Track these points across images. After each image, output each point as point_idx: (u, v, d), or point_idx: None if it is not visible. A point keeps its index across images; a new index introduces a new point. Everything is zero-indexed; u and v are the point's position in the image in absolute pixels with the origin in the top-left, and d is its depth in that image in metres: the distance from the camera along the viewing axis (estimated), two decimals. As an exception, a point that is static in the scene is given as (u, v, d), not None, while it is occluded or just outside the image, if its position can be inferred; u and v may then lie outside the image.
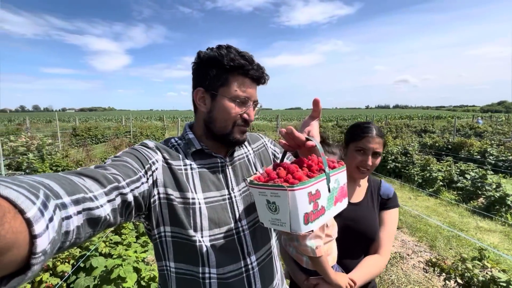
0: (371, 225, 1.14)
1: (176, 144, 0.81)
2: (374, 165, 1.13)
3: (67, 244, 0.41)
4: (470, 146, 8.78)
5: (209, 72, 0.76)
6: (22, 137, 7.17)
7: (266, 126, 26.28)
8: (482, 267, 2.08)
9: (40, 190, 0.36)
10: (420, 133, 15.43)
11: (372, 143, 1.11)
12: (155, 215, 0.71)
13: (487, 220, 4.51)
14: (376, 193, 1.20)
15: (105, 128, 18.44)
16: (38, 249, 0.31)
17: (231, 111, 0.76)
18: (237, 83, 0.76)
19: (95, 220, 0.47)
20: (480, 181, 5.42)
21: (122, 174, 0.60)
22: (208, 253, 0.71)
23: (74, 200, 0.43)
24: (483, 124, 19.33)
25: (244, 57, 0.76)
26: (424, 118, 39.44)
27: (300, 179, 0.59)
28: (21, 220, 0.30)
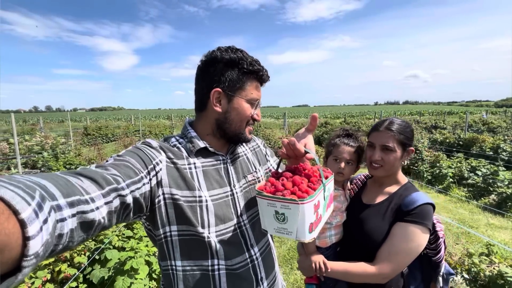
0: (374, 228, 1.06)
1: (177, 143, 0.82)
2: (387, 161, 1.06)
3: (59, 248, 0.40)
4: (482, 142, 8.57)
5: (227, 74, 0.78)
6: (37, 136, 7.43)
7: (273, 123, 26.23)
8: (489, 263, 2.07)
9: (36, 190, 0.35)
10: (430, 129, 15.12)
11: (379, 137, 1.07)
12: (160, 215, 0.71)
13: (498, 217, 4.43)
14: (399, 202, 1.05)
15: (115, 127, 18.82)
16: (31, 251, 0.31)
17: (247, 113, 0.81)
18: (252, 87, 0.82)
19: (88, 223, 0.46)
20: (491, 178, 5.31)
21: (123, 175, 0.59)
22: (217, 247, 0.74)
23: (70, 202, 0.42)
24: (496, 119, 18.77)
25: (257, 62, 0.82)
26: (435, 114, 38.54)
27: (307, 192, 0.63)
28: (15, 221, 0.30)
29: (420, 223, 0.97)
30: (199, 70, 0.82)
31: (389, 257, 0.98)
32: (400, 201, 1.05)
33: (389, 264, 0.97)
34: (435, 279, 1.10)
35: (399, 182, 1.13)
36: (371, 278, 1.00)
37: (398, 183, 1.12)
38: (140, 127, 16.64)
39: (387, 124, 1.08)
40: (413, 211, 0.99)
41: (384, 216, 1.06)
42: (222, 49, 0.79)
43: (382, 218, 1.06)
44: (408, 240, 0.97)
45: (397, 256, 0.97)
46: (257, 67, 0.80)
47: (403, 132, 1.06)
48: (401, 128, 1.06)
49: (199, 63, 0.82)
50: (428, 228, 0.98)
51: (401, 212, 1.02)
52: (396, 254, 0.97)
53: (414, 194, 1.04)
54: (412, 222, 0.98)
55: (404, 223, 0.99)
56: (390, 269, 0.97)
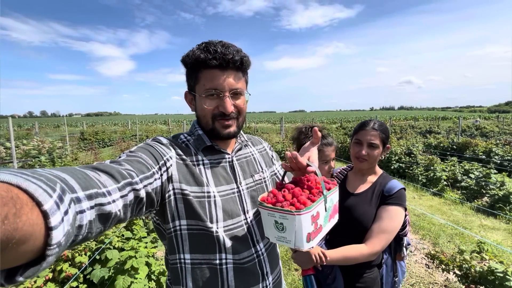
0: (363, 214, 1.21)
1: (186, 140, 0.84)
2: (372, 156, 1.22)
3: (79, 238, 0.42)
4: (475, 146, 8.74)
5: (186, 74, 0.82)
6: (34, 140, 7.41)
7: (270, 128, 26.36)
8: (480, 260, 2.14)
9: (57, 183, 0.36)
10: (425, 134, 15.35)
11: (366, 135, 1.22)
12: (170, 210, 0.73)
13: (491, 218, 4.52)
14: (381, 188, 1.24)
15: (112, 132, 18.76)
16: (54, 241, 0.32)
17: (204, 107, 0.78)
18: (205, 78, 0.76)
19: (106, 215, 0.47)
20: (484, 180, 5.43)
21: (136, 170, 0.61)
22: (225, 241, 0.76)
23: (88, 195, 0.43)
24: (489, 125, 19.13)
25: (207, 49, 0.74)
26: (429, 119, 39.09)
27: (304, 203, 0.67)
28: (38, 212, 0.31)
29: (400, 204, 1.18)
30: None
31: (378, 235, 1.14)
32: (381, 188, 1.24)
33: (379, 241, 1.13)
34: (400, 249, 1.32)
35: (377, 172, 1.32)
36: (366, 257, 1.14)
37: (376, 173, 1.32)
38: (137, 132, 16.61)
39: (372, 125, 1.25)
40: (394, 195, 1.19)
41: (371, 201, 1.22)
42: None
43: (369, 203, 1.22)
44: (392, 219, 1.15)
45: (385, 234, 1.14)
46: (200, 56, 0.74)
47: (384, 131, 1.24)
48: (383, 128, 1.25)
49: None
50: (405, 208, 1.20)
51: (384, 196, 1.21)
52: (384, 233, 1.14)
53: (392, 181, 1.25)
54: (394, 204, 1.18)
55: (388, 206, 1.18)
56: (380, 246, 1.14)
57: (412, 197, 5.71)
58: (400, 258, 1.34)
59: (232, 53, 0.75)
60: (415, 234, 3.98)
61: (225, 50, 0.74)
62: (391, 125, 19.92)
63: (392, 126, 19.75)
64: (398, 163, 7.35)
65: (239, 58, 0.76)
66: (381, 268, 1.26)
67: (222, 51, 0.74)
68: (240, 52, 0.78)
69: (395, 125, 21.45)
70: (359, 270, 1.22)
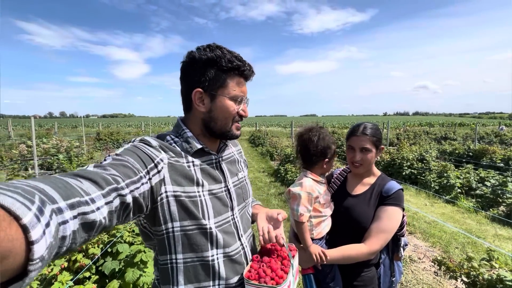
0: (362, 214, 1.23)
1: (173, 142, 0.83)
2: (365, 160, 1.24)
3: (63, 250, 0.40)
4: (492, 153, 8.43)
5: (207, 73, 0.80)
6: (53, 139, 7.77)
7: (280, 132, 26.35)
8: (490, 268, 2.09)
9: (35, 195, 0.35)
10: (440, 140, 14.91)
11: (357, 141, 1.25)
12: (162, 213, 0.73)
13: (507, 228, 4.35)
14: (379, 189, 1.26)
15: (126, 133, 19.33)
16: (36, 255, 0.31)
17: (230, 110, 0.83)
18: (234, 83, 0.82)
19: (90, 224, 0.46)
20: (500, 189, 5.23)
21: (122, 175, 0.59)
22: (217, 237, 0.80)
23: (70, 205, 0.42)
24: (509, 132, 18.34)
25: (238, 58, 0.81)
26: (446, 125, 37.89)
27: (282, 277, 0.84)
28: (17, 227, 0.30)
29: (398, 205, 1.20)
30: (181, 71, 0.85)
31: (377, 235, 1.16)
32: (380, 189, 1.26)
33: (378, 241, 1.16)
34: (397, 250, 1.33)
35: (375, 174, 1.34)
36: (365, 256, 1.16)
37: (374, 175, 1.34)
38: (150, 134, 17.03)
39: (362, 129, 1.26)
40: (392, 195, 1.21)
41: (369, 202, 1.24)
42: (200, 49, 0.81)
43: (368, 204, 1.24)
44: (391, 219, 1.18)
45: (383, 233, 1.16)
46: (237, 63, 0.80)
47: (375, 134, 1.25)
48: (373, 132, 1.26)
49: (181, 64, 0.84)
50: (403, 208, 1.22)
51: (382, 197, 1.23)
52: (383, 232, 1.16)
53: (390, 182, 1.27)
54: (392, 205, 1.20)
55: (387, 206, 1.20)
56: (379, 245, 1.16)
57: (423, 204, 5.57)
58: (397, 259, 1.35)
59: (253, 70, 0.87)
60: (425, 241, 3.89)
61: (250, 66, 0.85)
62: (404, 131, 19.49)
63: (406, 131, 19.29)
64: (410, 169, 7.19)
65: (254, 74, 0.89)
66: (378, 268, 1.28)
67: (250, 66, 0.85)
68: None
69: (409, 130, 20.94)
70: (357, 268, 1.24)
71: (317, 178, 1.28)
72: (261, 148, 13.11)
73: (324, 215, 1.26)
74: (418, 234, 4.09)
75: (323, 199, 1.25)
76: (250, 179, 7.37)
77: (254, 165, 9.69)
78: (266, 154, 11.39)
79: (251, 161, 10.63)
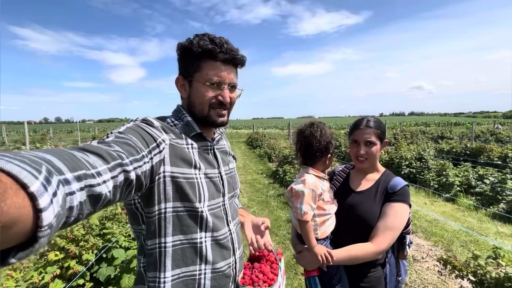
0: (367, 211, 1.18)
1: (173, 124, 0.86)
2: (370, 154, 1.20)
3: (71, 220, 0.41)
4: (489, 151, 8.46)
5: (184, 60, 0.85)
6: (47, 144, 7.64)
7: (277, 134, 26.33)
8: (497, 266, 2.04)
9: (42, 165, 0.35)
10: (436, 139, 14.98)
11: (362, 134, 1.21)
12: (158, 192, 0.74)
13: (508, 226, 4.32)
14: (384, 186, 1.22)
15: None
16: (44, 222, 0.32)
17: (205, 94, 0.83)
18: (208, 67, 0.82)
19: (96, 197, 0.47)
20: (500, 186, 5.22)
21: (126, 152, 0.59)
22: (207, 220, 0.82)
23: (77, 177, 0.42)
24: (504, 130, 18.51)
25: (213, 41, 0.80)
26: (441, 125, 38.18)
27: (273, 279, 0.94)
28: (24, 195, 0.30)
29: (405, 201, 1.16)
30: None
31: (384, 233, 1.12)
32: (385, 185, 1.21)
33: (385, 239, 1.11)
34: (403, 248, 1.29)
35: (379, 170, 1.30)
36: (373, 256, 1.11)
37: (378, 171, 1.29)
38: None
39: (365, 122, 1.23)
40: (398, 192, 1.17)
41: (375, 199, 1.19)
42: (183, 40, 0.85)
43: (374, 201, 1.19)
44: (398, 216, 1.14)
45: (391, 231, 1.12)
46: (208, 46, 0.79)
47: (379, 127, 1.23)
48: (377, 124, 1.23)
49: None
50: (410, 204, 1.18)
51: (388, 194, 1.19)
52: (390, 230, 1.12)
53: (395, 178, 1.23)
54: (399, 201, 1.16)
55: (393, 203, 1.16)
56: (387, 244, 1.11)
57: (423, 203, 5.54)
58: (403, 257, 1.30)
59: (240, 55, 0.84)
60: (427, 240, 3.84)
61: (231, 47, 0.83)
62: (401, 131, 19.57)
63: (403, 132, 19.37)
64: (408, 168, 7.17)
65: (241, 57, 0.86)
66: (385, 267, 1.23)
67: (230, 48, 0.82)
68: (242, 54, 0.86)
69: (406, 131, 21.03)
70: (363, 269, 1.19)
71: (320, 174, 1.23)
72: (259, 150, 13.05)
73: (328, 213, 1.20)
74: (420, 233, 4.04)
75: (327, 196, 1.20)
76: (249, 181, 7.32)
77: (252, 167, 9.61)
78: (264, 156, 11.33)
79: (249, 163, 10.56)
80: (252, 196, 6.02)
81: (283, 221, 4.55)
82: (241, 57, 0.86)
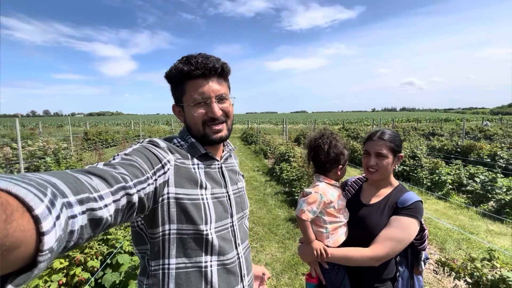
0: (374, 224, 1.19)
1: (179, 145, 0.86)
2: (381, 166, 1.21)
3: (71, 244, 0.41)
4: (479, 149, 8.71)
5: (172, 88, 0.88)
6: (39, 141, 7.45)
7: (272, 129, 26.36)
8: (491, 267, 2.13)
9: (47, 188, 0.36)
10: (428, 136, 15.30)
11: (373, 145, 1.23)
12: (162, 214, 0.73)
13: (497, 224, 4.50)
14: (394, 200, 1.20)
15: (115, 132, 18.84)
16: (45, 246, 0.32)
17: (195, 115, 0.83)
18: (191, 88, 0.82)
19: (97, 221, 0.46)
20: (490, 184, 5.40)
21: (130, 174, 0.60)
22: (213, 243, 0.79)
23: (79, 200, 0.43)
24: (492, 127, 19.03)
25: (188, 61, 0.80)
26: (432, 120, 38.94)
27: None
28: (29, 218, 0.30)
29: (414, 216, 1.14)
30: None
31: (384, 242, 1.12)
32: (395, 200, 1.21)
33: (383, 247, 1.11)
34: (418, 263, 1.28)
35: (392, 184, 1.29)
36: (367, 261, 1.12)
37: (391, 185, 1.29)
38: (141, 132, 16.68)
39: (379, 134, 1.24)
40: (408, 206, 1.15)
41: (383, 213, 1.20)
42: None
43: (381, 215, 1.20)
44: (402, 229, 1.12)
45: (391, 242, 1.11)
46: (183, 69, 0.80)
47: (393, 140, 1.22)
48: (391, 137, 1.23)
49: None
50: (420, 221, 1.15)
51: (396, 208, 1.18)
52: (391, 240, 1.12)
53: (407, 193, 1.21)
54: (408, 215, 1.14)
55: (400, 216, 1.15)
56: (384, 253, 1.11)
57: (417, 201, 5.69)
58: (417, 272, 1.31)
59: (212, 62, 0.81)
60: (422, 238, 3.97)
61: (206, 60, 0.81)
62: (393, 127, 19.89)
63: (395, 128, 19.70)
64: (402, 166, 7.33)
65: (219, 65, 0.83)
66: (396, 282, 1.23)
67: (203, 61, 0.80)
68: (219, 60, 0.84)
69: (398, 127, 21.40)
70: (370, 283, 1.21)
71: (331, 182, 1.27)
72: (254, 146, 13.06)
73: (340, 221, 1.23)
74: (414, 232, 4.16)
75: (338, 204, 1.23)
76: (246, 179, 7.33)
77: (248, 164, 9.64)
78: (259, 153, 11.35)
79: (245, 159, 10.57)
80: (250, 195, 6.04)
81: (282, 220, 4.60)
82: (219, 65, 0.83)
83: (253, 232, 4.18)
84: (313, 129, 17.35)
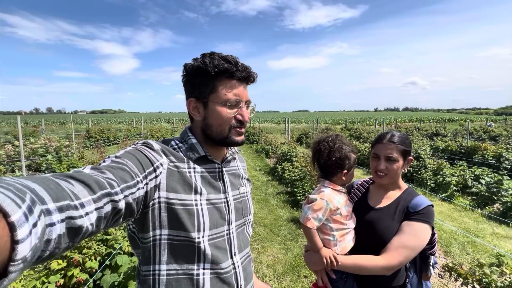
0: (385, 229, 1.15)
1: (177, 147, 0.83)
2: (391, 170, 1.16)
3: (46, 254, 0.39)
4: (484, 150, 8.59)
5: (197, 81, 0.80)
6: (41, 138, 7.45)
7: (274, 128, 26.31)
8: (500, 273, 2.07)
9: (26, 194, 0.34)
10: (431, 136, 15.17)
11: (383, 149, 1.18)
12: (152, 219, 0.71)
13: (503, 226, 4.42)
14: (405, 204, 1.17)
15: (117, 130, 18.87)
16: (19, 255, 0.30)
17: (224, 115, 0.80)
18: (225, 87, 0.79)
19: (76, 230, 0.44)
20: (495, 186, 5.31)
21: (118, 179, 0.57)
22: (205, 251, 0.75)
23: (59, 207, 0.40)
24: (496, 127, 18.84)
25: (227, 60, 0.78)
26: (435, 121, 38.68)
27: None
28: (4, 224, 0.29)
29: (427, 222, 1.10)
30: (183, 84, 0.86)
31: (397, 250, 1.07)
32: (406, 203, 1.16)
33: (398, 256, 1.07)
34: (426, 269, 1.24)
35: (401, 187, 1.25)
36: (380, 270, 1.07)
37: (400, 188, 1.24)
38: (142, 131, 16.69)
39: (389, 137, 1.20)
40: (420, 211, 1.11)
41: (394, 217, 1.16)
42: (193, 59, 0.82)
43: (392, 219, 1.16)
44: (416, 236, 1.08)
45: (405, 249, 1.07)
46: (224, 66, 0.77)
47: (403, 143, 1.18)
48: (401, 140, 1.18)
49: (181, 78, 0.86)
50: (432, 226, 1.12)
51: (408, 212, 1.14)
52: (405, 248, 1.07)
53: (418, 197, 1.17)
54: (420, 221, 1.10)
55: (413, 222, 1.10)
56: (398, 261, 1.06)
57: (420, 202, 5.62)
58: (426, 278, 1.27)
59: (250, 69, 0.83)
60: (426, 241, 3.90)
61: (246, 65, 0.82)
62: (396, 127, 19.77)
63: (398, 128, 19.56)
64: (406, 167, 7.25)
65: (255, 74, 0.85)
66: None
67: (245, 67, 0.81)
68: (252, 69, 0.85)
69: (401, 127, 21.27)
70: None
71: (337, 187, 1.21)
72: (256, 145, 13.02)
73: (347, 228, 1.18)
74: (418, 234, 4.10)
75: (345, 210, 1.18)
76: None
77: (250, 163, 9.60)
78: (261, 152, 11.31)
79: (247, 158, 10.54)
80: (251, 195, 6.01)
81: (284, 221, 4.56)
82: (254, 74, 0.85)
83: (255, 233, 4.13)
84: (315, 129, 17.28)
